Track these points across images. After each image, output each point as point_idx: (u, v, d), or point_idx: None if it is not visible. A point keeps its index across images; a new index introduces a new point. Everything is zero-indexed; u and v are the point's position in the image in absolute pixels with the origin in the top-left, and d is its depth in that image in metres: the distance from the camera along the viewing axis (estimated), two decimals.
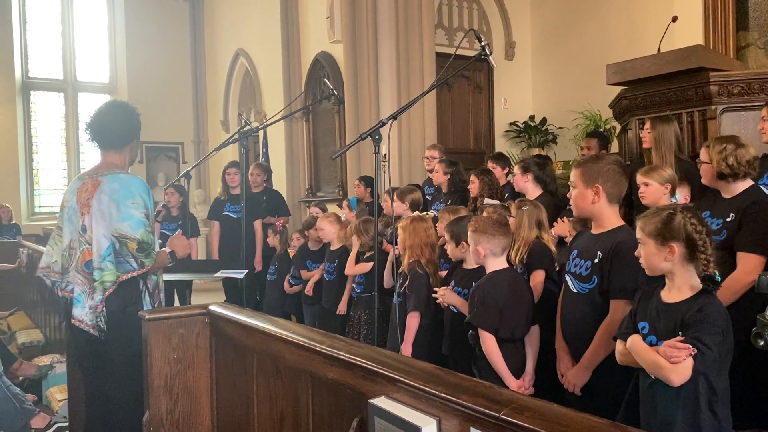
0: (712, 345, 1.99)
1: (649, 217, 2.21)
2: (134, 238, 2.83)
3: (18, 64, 11.62)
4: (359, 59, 7.48)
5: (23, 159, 11.64)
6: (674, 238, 2.13)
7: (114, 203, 2.85)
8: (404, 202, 4.79)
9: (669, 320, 2.11)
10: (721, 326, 2.02)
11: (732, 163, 2.95)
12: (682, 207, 2.20)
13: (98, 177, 2.94)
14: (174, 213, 6.53)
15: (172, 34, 12.58)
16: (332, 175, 8.79)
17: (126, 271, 2.85)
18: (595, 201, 2.66)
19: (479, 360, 3.06)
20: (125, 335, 2.84)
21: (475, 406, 1.43)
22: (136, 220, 2.85)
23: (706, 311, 2.04)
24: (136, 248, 2.84)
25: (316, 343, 2.03)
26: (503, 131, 9.44)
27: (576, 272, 2.72)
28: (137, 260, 2.85)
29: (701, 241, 2.11)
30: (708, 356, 1.98)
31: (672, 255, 2.13)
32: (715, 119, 4.09)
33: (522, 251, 3.58)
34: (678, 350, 1.99)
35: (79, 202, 2.93)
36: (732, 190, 3.02)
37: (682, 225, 2.12)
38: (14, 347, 6.03)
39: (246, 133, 4.35)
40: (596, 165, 2.71)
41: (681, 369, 1.99)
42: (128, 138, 3.09)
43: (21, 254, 7.61)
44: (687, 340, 2.00)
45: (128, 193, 2.88)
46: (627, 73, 4.53)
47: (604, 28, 8.28)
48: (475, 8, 9.38)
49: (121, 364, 2.86)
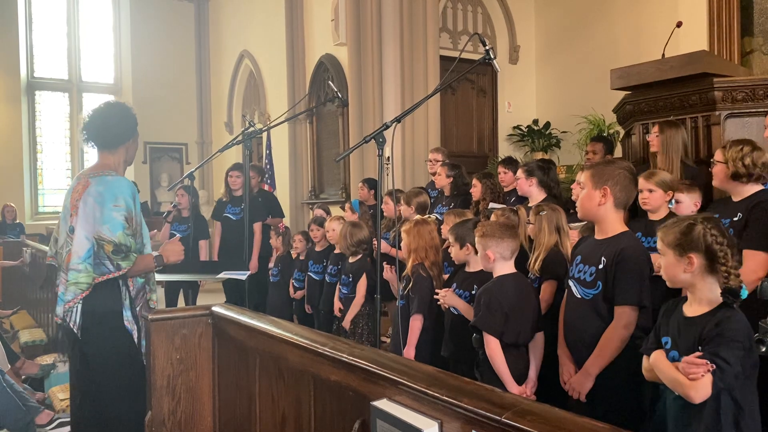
0: (732, 360, 1.93)
1: (669, 227, 2.18)
2: (110, 240, 2.84)
3: (23, 64, 11.67)
4: (363, 62, 7.49)
5: (27, 158, 11.68)
6: (693, 249, 2.08)
7: (98, 206, 2.87)
8: (411, 205, 4.78)
9: (689, 335, 2.07)
10: (741, 340, 1.97)
11: (748, 164, 2.99)
12: (702, 217, 2.15)
13: (89, 178, 2.97)
14: (185, 214, 6.53)
15: (177, 35, 12.61)
16: (335, 177, 8.80)
17: (102, 273, 2.86)
18: (602, 203, 2.65)
19: (482, 364, 3.04)
20: (104, 335, 2.87)
21: (477, 409, 1.43)
22: (116, 223, 2.86)
23: (724, 326, 1.99)
24: (112, 250, 2.84)
25: (318, 345, 2.04)
26: (507, 135, 9.44)
27: (580, 278, 2.71)
28: (113, 262, 2.86)
29: (722, 253, 2.06)
30: (728, 372, 1.93)
31: (691, 266, 2.09)
32: (719, 125, 4.08)
33: (541, 258, 3.54)
34: (696, 366, 1.95)
35: (71, 203, 2.95)
36: (742, 192, 3.06)
37: (702, 235, 2.07)
38: (17, 346, 6.05)
39: (250, 135, 4.36)
40: (608, 168, 2.71)
41: (700, 386, 1.95)
42: (122, 138, 3.08)
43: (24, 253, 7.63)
44: (705, 356, 1.96)
45: (111, 195, 2.89)
46: (631, 77, 4.52)
47: (609, 33, 8.29)
48: (479, 12, 9.39)
49: (103, 363, 2.88)
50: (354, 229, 4.66)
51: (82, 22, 12.51)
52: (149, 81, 12.25)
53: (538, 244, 3.60)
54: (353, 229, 4.67)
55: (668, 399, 2.15)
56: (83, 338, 2.87)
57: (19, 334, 6.60)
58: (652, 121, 4.28)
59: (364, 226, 4.82)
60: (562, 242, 3.59)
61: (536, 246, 3.61)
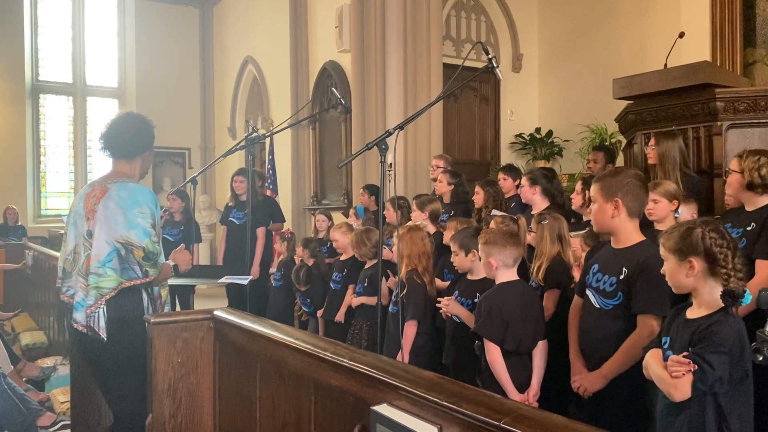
0: (716, 364, 1.94)
1: (669, 233, 2.19)
2: (140, 246, 2.85)
3: (28, 67, 11.71)
4: (367, 69, 7.51)
5: (31, 161, 11.70)
6: (693, 252, 2.09)
7: (120, 210, 2.87)
8: (424, 211, 4.76)
9: (684, 336, 2.09)
10: (728, 346, 1.97)
11: (764, 174, 3.00)
12: (701, 221, 2.16)
13: (107, 184, 2.98)
14: (177, 218, 6.56)
15: (181, 40, 12.65)
16: (337, 184, 8.81)
17: (130, 278, 2.87)
18: (615, 215, 2.63)
19: (484, 372, 3.04)
20: (126, 341, 2.87)
21: (476, 414, 1.44)
22: (143, 229, 2.87)
23: (713, 329, 2.00)
24: (143, 256, 2.86)
25: (319, 349, 2.05)
26: (509, 143, 9.46)
27: (599, 288, 2.67)
28: (142, 268, 2.88)
29: (722, 255, 2.06)
30: (709, 374, 1.94)
31: (692, 270, 2.10)
32: (721, 135, 4.09)
33: (544, 267, 3.53)
34: (680, 365, 1.97)
35: (85, 207, 2.95)
36: (756, 203, 3.06)
37: (700, 239, 2.08)
38: (18, 348, 6.06)
39: (253, 140, 4.38)
40: (616, 179, 2.68)
41: (680, 384, 1.97)
42: (141, 149, 3.12)
43: (26, 256, 7.65)
44: (689, 356, 1.98)
45: (135, 201, 2.90)
46: (633, 87, 4.54)
47: (612, 43, 8.31)
48: (483, 20, 9.42)
49: (122, 368, 2.89)
50: (369, 234, 4.62)
51: (87, 27, 12.55)
52: (153, 85, 12.28)
53: (540, 253, 3.60)
54: (369, 234, 4.62)
55: (659, 396, 2.17)
56: (109, 342, 2.86)
57: (20, 337, 6.61)
58: (654, 131, 4.30)
59: (374, 229, 4.81)
60: (564, 251, 3.59)
61: (538, 255, 3.61)
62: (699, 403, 2.01)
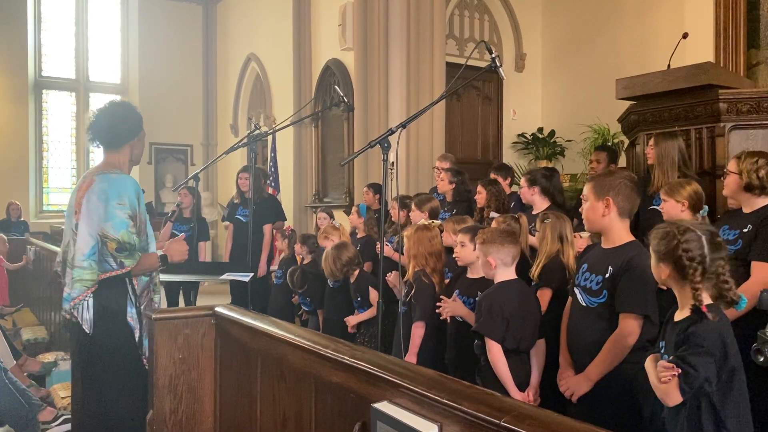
0: (699, 365, 1.95)
1: (654, 230, 2.21)
2: (114, 238, 2.86)
3: (31, 63, 11.73)
4: (370, 67, 7.51)
5: (33, 157, 11.73)
6: (665, 258, 2.11)
7: (102, 203, 2.88)
8: (423, 210, 4.75)
9: (672, 339, 2.11)
10: (707, 346, 1.97)
11: (762, 176, 3.01)
12: (684, 228, 2.12)
13: (94, 176, 2.98)
14: (186, 215, 6.56)
15: (184, 37, 12.67)
16: (339, 182, 8.81)
17: (105, 270, 2.88)
18: (606, 214, 2.67)
19: (483, 370, 3.05)
20: (109, 332, 2.89)
21: (476, 413, 1.44)
22: (119, 221, 2.88)
23: (691, 330, 2.01)
24: (116, 248, 2.87)
25: (320, 347, 2.05)
26: (511, 142, 9.46)
27: (586, 286, 2.72)
28: (116, 260, 2.88)
29: (690, 270, 2.05)
30: (693, 376, 1.95)
31: (665, 275, 2.13)
32: (723, 136, 4.09)
33: (541, 265, 3.54)
34: (666, 370, 1.99)
35: (76, 200, 2.97)
36: (753, 204, 3.07)
37: (673, 247, 2.09)
38: (19, 344, 6.07)
39: (255, 138, 4.38)
40: (608, 178, 2.73)
41: (669, 389, 1.99)
42: (127, 137, 3.09)
43: (28, 251, 7.66)
44: (673, 360, 2.00)
45: (115, 193, 2.90)
46: (636, 88, 4.53)
47: (615, 43, 8.30)
48: (486, 20, 9.41)
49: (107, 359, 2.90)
50: (338, 252, 4.61)
51: (90, 23, 12.57)
52: (156, 82, 12.29)
53: (540, 252, 3.60)
54: (337, 252, 4.62)
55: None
56: (93, 334, 2.89)
57: (21, 332, 6.62)
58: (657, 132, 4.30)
59: (348, 245, 4.79)
60: (564, 251, 3.56)
61: (539, 253, 3.61)
62: (695, 404, 2.02)
